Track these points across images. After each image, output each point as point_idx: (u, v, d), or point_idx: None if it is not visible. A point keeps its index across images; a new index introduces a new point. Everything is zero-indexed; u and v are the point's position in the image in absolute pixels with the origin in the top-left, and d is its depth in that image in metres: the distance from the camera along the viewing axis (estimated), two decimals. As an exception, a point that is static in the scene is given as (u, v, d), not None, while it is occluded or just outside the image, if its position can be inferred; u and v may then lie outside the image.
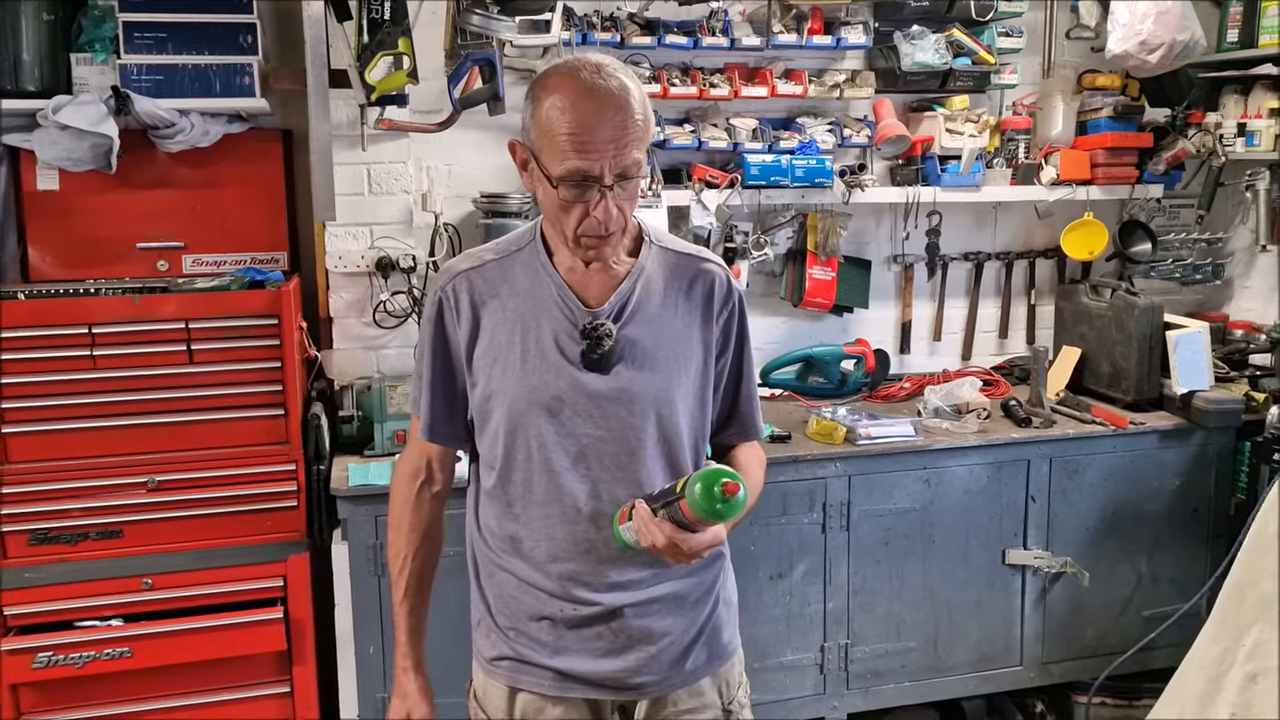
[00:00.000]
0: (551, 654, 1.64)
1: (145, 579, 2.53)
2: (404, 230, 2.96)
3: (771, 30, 3.09)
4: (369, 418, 2.80)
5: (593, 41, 2.97)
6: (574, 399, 1.58)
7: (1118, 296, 3.20)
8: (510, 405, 1.59)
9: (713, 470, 1.39)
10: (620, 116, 1.45)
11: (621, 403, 1.58)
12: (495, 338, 1.60)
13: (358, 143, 2.86)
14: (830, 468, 2.84)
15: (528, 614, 1.65)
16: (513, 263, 1.63)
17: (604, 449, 1.59)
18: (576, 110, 1.44)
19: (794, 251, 3.34)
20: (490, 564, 1.69)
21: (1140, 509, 3.08)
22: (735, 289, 1.70)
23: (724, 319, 1.67)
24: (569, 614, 1.63)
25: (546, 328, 1.58)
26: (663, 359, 1.61)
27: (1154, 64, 3.09)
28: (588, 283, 1.60)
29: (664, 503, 1.44)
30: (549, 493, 1.60)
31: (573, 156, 1.44)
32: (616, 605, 1.62)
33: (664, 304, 1.62)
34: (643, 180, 1.56)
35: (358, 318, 2.96)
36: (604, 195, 1.47)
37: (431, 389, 1.67)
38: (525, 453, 1.60)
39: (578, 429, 1.58)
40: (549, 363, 1.58)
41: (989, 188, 3.32)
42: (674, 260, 1.66)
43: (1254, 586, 1.52)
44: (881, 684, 3.00)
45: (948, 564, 2.98)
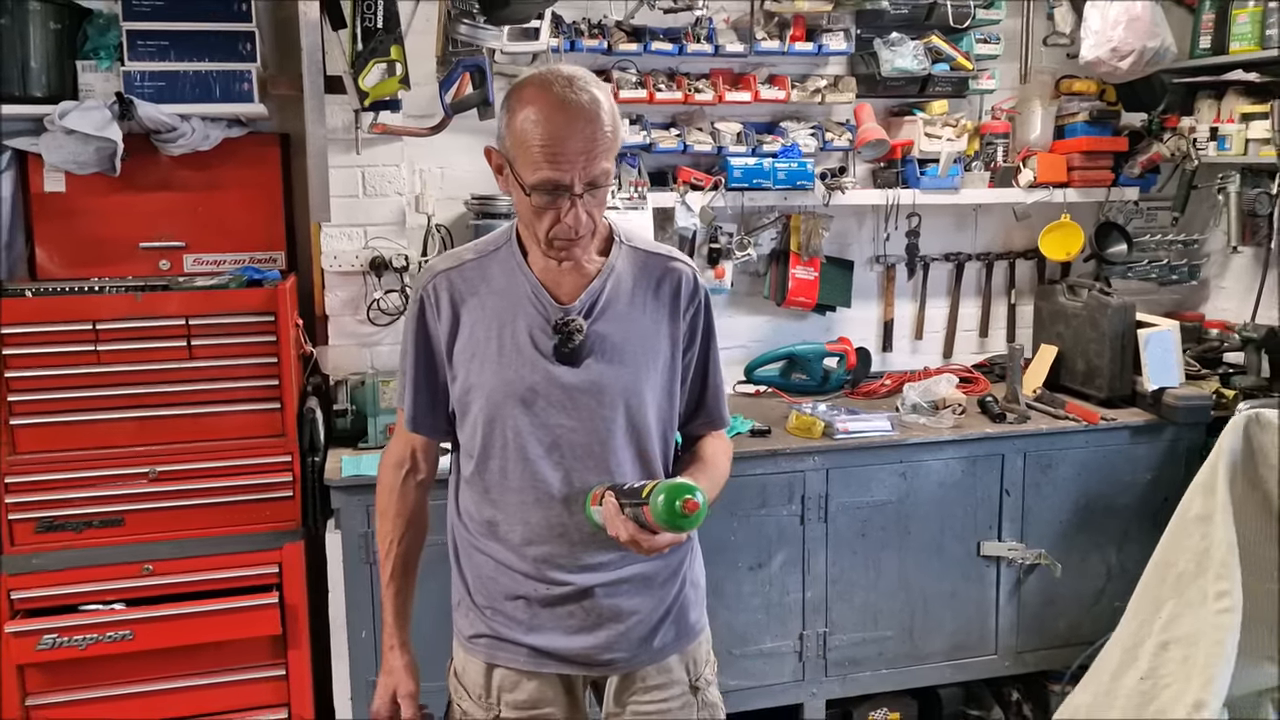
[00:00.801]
0: (526, 631, 1.73)
1: (146, 565, 2.63)
2: (397, 231, 3.06)
3: (755, 37, 3.18)
4: (363, 412, 2.90)
5: (581, 48, 3.07)
6: (547, 391, 1.67)
7: (1092, 296, 3.29)
8: (488, 397, 1.68)
9: (677, 485, 1.49)
10: (590, 129, 1.53)
11: (592, 394, 1.67)
12: (474, 333, 1.69)
13: (352, 146, 2.96)
14: (809, 461, 2.93)
15: (504, 593, 1.74)
16: (490, 262, 1.72)
17: (575, 439, 1.68)
18: (549, 123, 1.52)
19: (777, 252, 3.43)
20: (469, 547, 1.78)
21: (1112, 502, 3.17)
22: (701, 287, 1.79)
23: (690, 315, 1.76)
24: (543, 593, 1.72)
25: (521, 323, 1.68)
26: (631, 353, 1.70)
27: (1125, 70, 3.17)
28: (560, 281, 1.69)
29: (631, 503, 1.53)
30: (524, 479, 1.69)
31: (545, 167, 1.53)
32: (587, 585, 1.71)
33: (633, 301, 1.71)
34: (611, 186, 1.64)
35: (352, 315, 3.06)
36: (574, 203, 1.56)
37: (415, 383, 1.76)
38: (502, 441, 1.69)
39: (551, 419, 1.68)
40: (524, 357, 1.67)
41: (967, 190, 3.41)
42: (643, 259, 1.75)
43: (1172, 566, 1.61)
44: (859, 671, 3.09)
45: (923, 555, 3.07)
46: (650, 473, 1.73)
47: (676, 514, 1.46)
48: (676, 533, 1.52)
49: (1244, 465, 2.16)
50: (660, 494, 1.48)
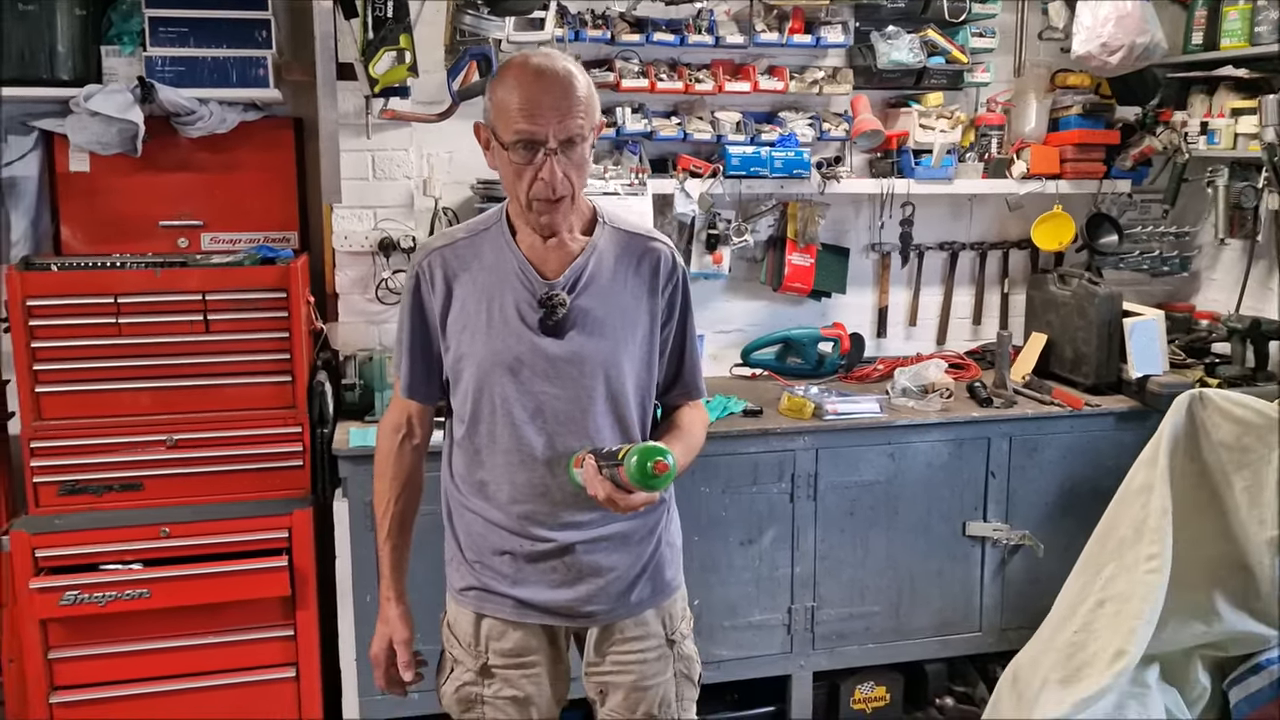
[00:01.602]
0: (512, 584, 1.86)
1: (163, 528, 2.76)
2: (405, 213, 3.17)
3: (755, 29, 3.28)
4: (370, 386, 3.02)
5: (584, 38, 3.16)
6: (532, 360, 1.79)
7: (1080, 285, 3.37)
8: (478, 365, 1.80)
9: (649, 448, 1.60)
10: (563, 88, 1.65)
11: (574, 364, 1.79)
12: (465, 306, 1.81)
13: (363, 131, 3.08)
14: (799, 441, 3.04)
15: (492, 549, 1.86)
16: (481, 240, 1.84)
17: (558, 405, 1.80)
18: (525, 86, 1.65)
19: (774, 238, 3.53)
20: (460, 506, 1.91)
21: (1096, 486, 3.24)
22: (680, 265, 1.90)
23: (669, 292, 1.87)
24: (527, 549, 1.84)
25: (509, 297, 1.79)
26: (611, 326, 1.81)
27: (1115, 65, 3.25)
28: (546, 257, 1.81)
29: (609, 464, 1.65)
30: (510, 442, 1.81)
31: (520, 121, 1.64)
32: (569, 542, 1.83)
33: (614, 277, 1.82)
34: (588, 154, 1.72)
35: (361, 294, 3.18)
36: (549, 158, 1.67)
37: (410, 353, 1.88)
38: (490, 407, 1.81)
39: (535, 387, 1.79)
40: (510, 328, 1.79)
41: (961, 181, 3.49)
42: (625, 239, 1.86)
43: (1114, 531, 1.71)
44: (846, 645, 3.19)
45: (910, 534, 3.17)
46: (628, 438, 1.83)
47: (648, 474, 1.58)
48: (649, 492, 1.63)
49: (1185, 441, 2.27)
50: (634, 456, 1.59)
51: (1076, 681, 1.56)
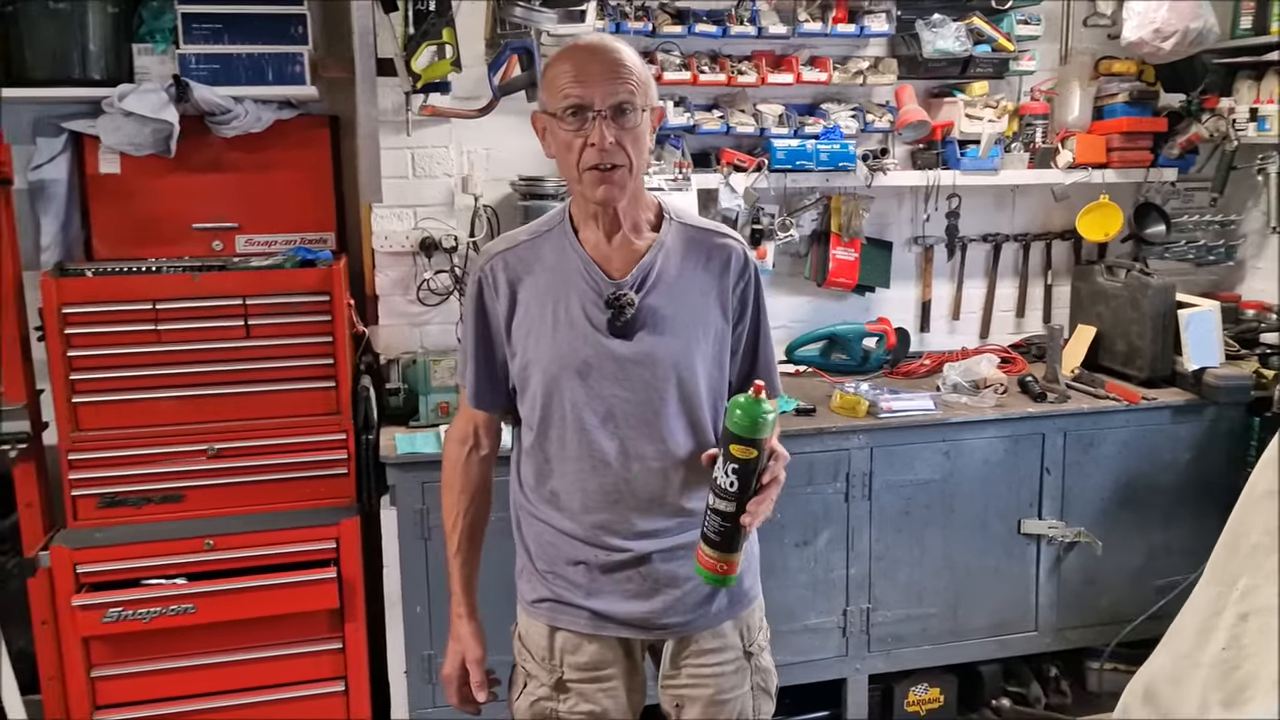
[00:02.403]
0: (586, 595, 1.79)
1: (207, 540, 2.68)
2: (446, 212, 3.09)
3: (797, 19, 3.21)
4: (414, 390, 2.94)
5: (626, 30, 3.09)
6: (601, 363, 1.72)
7: (1132, 276, 3.31)
8: (545, 370, 1.74)
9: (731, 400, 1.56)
10: (612, 58, 1.64)
11: (645, 365, 1.72)
12: (529, 310, 1.75)
13: (402, 128, 2.99)
14: (853, 440, 2.97)
15: (564, 559, 1.79)
16: (543, 242, 1.78)
17: (629, 409, 1.73)
18: (574, 59, 1.65)
19: (818, 233, 3.46)
20: (530, 516, 1.84)
21: (1153, 482, 3.20)
22: (751, 262, 1.83)
23: (740, 289, 1.81)
24: (602, 559, 1.77)
25: (575, 299, 1.73)
26: (681, 325, 1.74)
27: (1168, 51, 3.18)
28: (611, 256, 1.74)
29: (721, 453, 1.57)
30: (581, 448, 1.74)
31: (569, 87, 1.62)
32: (645, 552, 1.76)
33: (683, 275, 1.76)
34: (643, 128, 1.67)
35: (402, 295, 3.10)
36: (599, 122, 1.62)
37: (475, 360, 1.82)
38: (560, 413, 1.74)
39: (605, 390, 1.73)
40: (577, 331, 1.72)
41: (1007, 171, 3.42)
42: (693, 235, 1.80)
43: (1245, 538, 1.65)
44: (902, 647, 3.13)
45: (966, 533, 3.11)
46: (701, 440, 1.76)
47: (750, 400, 1.53)
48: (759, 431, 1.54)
49: None
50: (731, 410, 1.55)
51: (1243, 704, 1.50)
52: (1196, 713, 1.57)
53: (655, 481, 1.74)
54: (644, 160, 1.72)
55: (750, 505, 1.58)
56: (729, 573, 1.62)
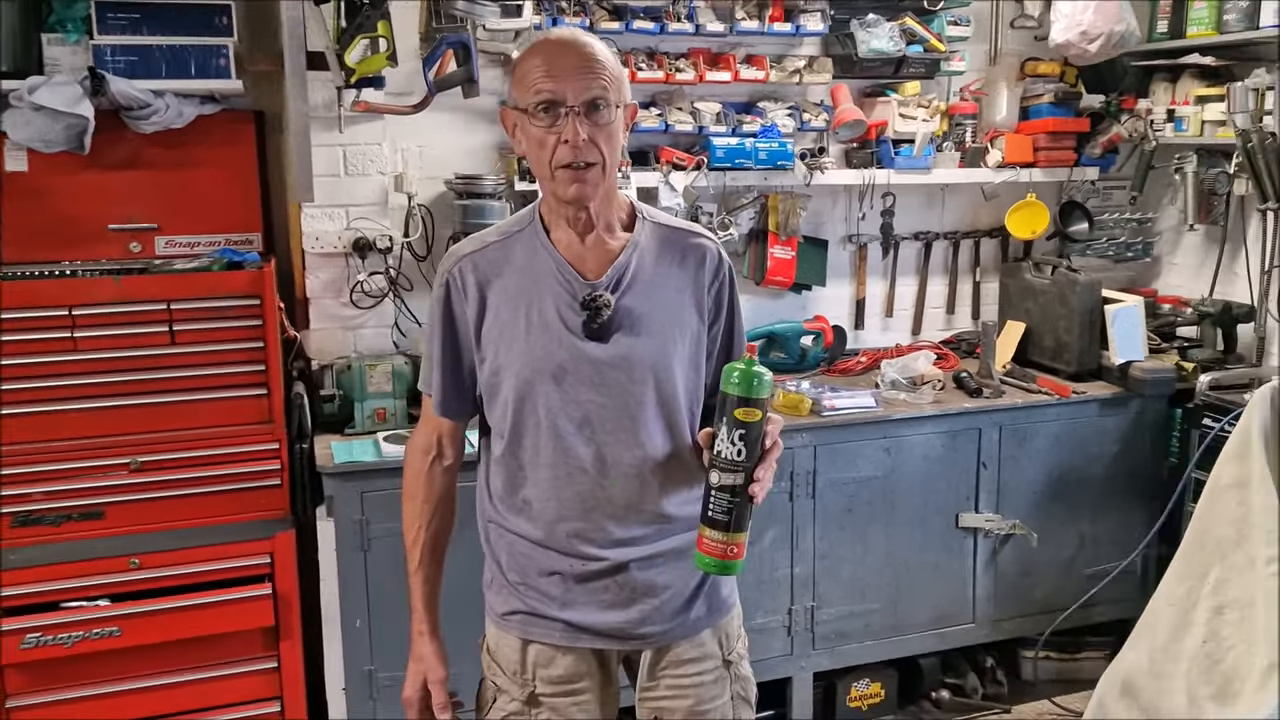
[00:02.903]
0: (561, 607, 1.73)
1: (132, 559, 2.54)
2: (379, 211, 2.99)
3: (735, 17, 3.19)
4: (349, 397, 2.84)
5: (563, 24, 3.02)
6: (576, 367, 1.67)
7: (1060, 273, 3.38)
8: (517, 375, 1.68)
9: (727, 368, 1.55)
10: (585, 52, 1.60)
11: (621, 369, 1.68)
12: (500, 314, 1.69)
13: (334, 124, 2.88)
14: (797, 439, 2.97)
15: (537, 570, 1.74)
16: (514, 243, 1.73)
17: (606, 414, 1.69)
18: (546, 53, 1.61)
19: (756, 231, 3.45)
20: (500, 528, 1.78)
21: (1083, 473, 3.28)
22: (725, 261, 1.80)
23: (715, 289, 1.78)
24: (577, 569, 1.72)
25: (548, 301, 1.68)
26: (658, 326, 1.71)
27: (1094, 53, 3.26)
28: (585, 256, 1.70)
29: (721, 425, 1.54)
30: (556, 455, 1.69)
31: (541, 82, 1.58)
32: (621, 560, 1.72)
33: (658, 275, 1.72)
34: (616, 126, 1.63)
35: (335, 298, 2.99)
36: (572, 118, 1.58)
37: (442, 367, 1.76)
38: (534, 419, 1.69)
39: (581, 395, 1.68)
40: (551, 333, 1.67)
41: (939, 170, 3.47)
42: (667, 234, 1.76)
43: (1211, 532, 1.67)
44: (845, 644, 3.15)
45: (907, 528, 3.14)
46: (680, 444, 1.73)
47: (745, 361, 1.53)
48: (758, 392, 1.53)
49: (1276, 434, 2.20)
50: (732, 374, 1.53)
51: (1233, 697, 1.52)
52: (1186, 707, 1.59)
53: (632, 488, 1.70)
54: (618, 158, 1.68)
55: (757, 473, 1.55)
56: (737, 556, 1.58)
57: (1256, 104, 3.18)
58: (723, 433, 1.55)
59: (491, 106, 3.11)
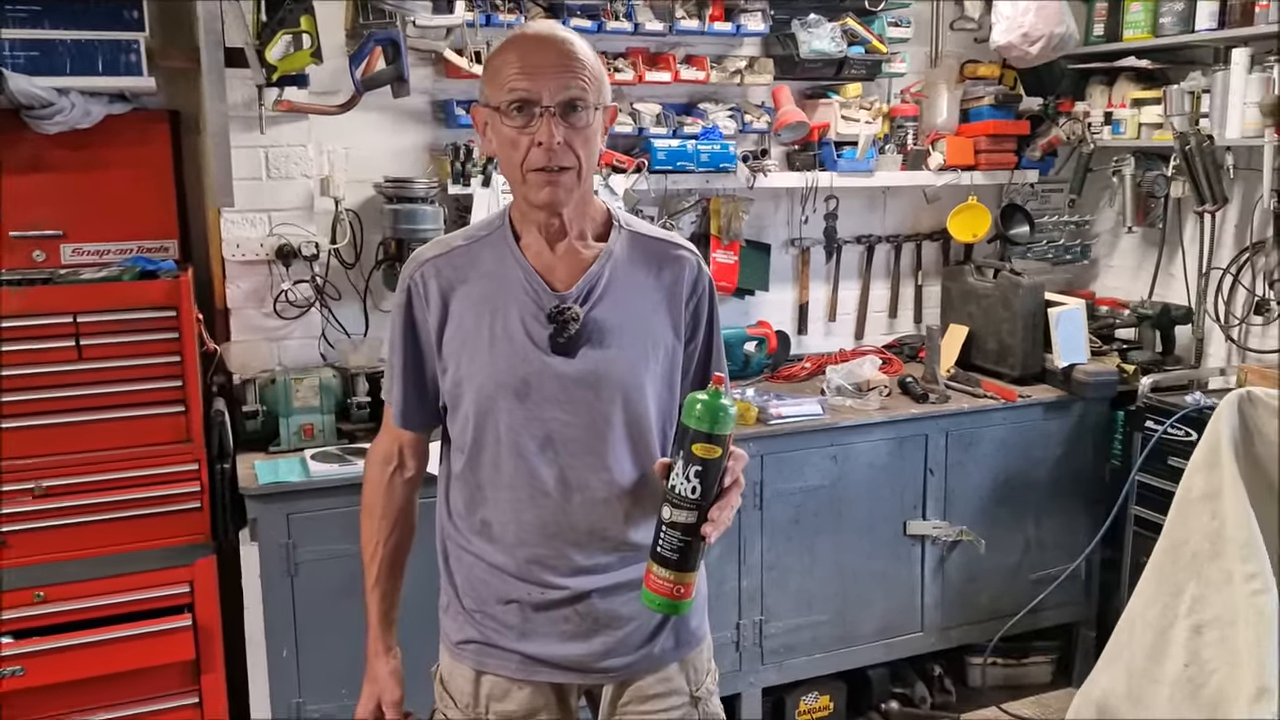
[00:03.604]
0: (518, 637, 1.64)
1: (37, 591, 2.36)
2: (304, 216, 2.84)
3: (674, 15, 3.11)
4: (273, 413, 2.69)
5: (496, 23, 2.91)
6: (541, 383, 1.58)
7: (1003, 277, 3.36)
8: (479, 389, 1.59)
9: (689, 398, 1.43)
10: (564, 49, 1.51)
11: (589, 386, 1.59)
12: (463, 323, 1.60)
13: (254, 125, 2.72)
14: (744, 448, 2.87)
15: (495, 597, 1.64)
16: (481, 248, 1.63)
17: (571, 433, 1.59)
18: (521, 48, 1.51)
19: (697, 236, 3.37)
20: (458, 548, 1.68)
21: (1028, 477, 3.26)
22: (705, 275, 1.71)
23: (694, 304, 1.68)
24: (536, 597, 1.62)
25: (514, 311, 1.59)
26: (630, 342, 1.61)
27: (1035, 55, 3.25)
28: (555, 265, 1.60)
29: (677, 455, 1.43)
30: (517, 476, 1.60)
31: (515, 80, 1.49)
32: (583, 589, 1.62)
33: (632, 288, 1.63)
34: (594, 129, 1.53)
35: (257, 308, 2.83)
36: (547, 118, 1.49)
37: (403, 376, 1.66)
38: (494, 435, 1.60)
39: (545, 413, 1.58)
40: (516, 346, 1.58)
41: (882, 173, 3.43)
42: (644, 244, 1.67)
43: (1184, 546, 1.62)
44: (794, 657, 3.08)
45: (854, 537, 3.08)
46: (648, 469, 1.62)
47: (709, 392, 1.41)
48: (720, 426, 1.41)
49: (1244, 443, 2.16)
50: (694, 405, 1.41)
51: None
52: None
53: (597, 513, 1.60)
54: (594, 162, 1.57)
55: (713, 513, 1.45)
56: (685, 596, 1.47)
57: (1192, 107, 3.20)
58: (679, 466, 1.44)
59: (422, 107, 2.98)
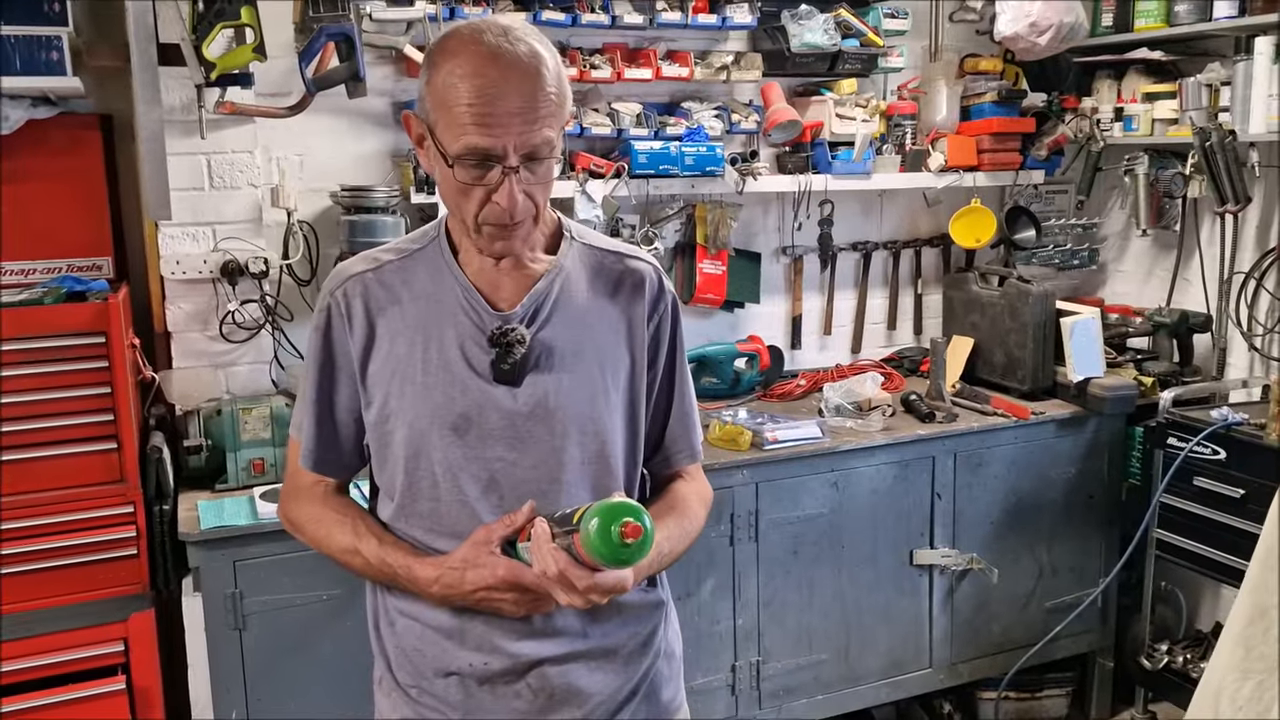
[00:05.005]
0: (461, 716, 1.41)
1: (-51, 654, 2.12)
2: (252, 230, 2.60)
3: (655, 7, 2.88)
4: (219, 446, 2.44)
5: (461, 15, 2.67)
6: (482, 417, 1.37)
7: (1010, 284, 3.14)
8: (410, 426, 1.38)
9: (614, 505, 1.17)
10: (529, 86, 1.26)
11: (538, 419, 1.38)
12: (394, 349, 1.39)
13: (194, 129, 2.47)
14: (737, 476, 2.66)
15: (433, 669, 1.42)
16: (414, 263, 1.42)
17: (518, 474, 1.38)
18: (478, 77, 1.25)
19: (682, 245, 3.15)
20: (390, 612, 1.45)
21: (1040, 499, 3.04)
22: (668, 290, 1.51)
23: (655, 324, 1.48)
24: (479, 669, 1.40)
25: (450, 335, 1.38)
26: (585, 369, 1.41)
27: (1043, 46, 3.04)
28: (498, 283, 1.40)
29: (563, 530, 1.22)
30: (458, 525, 1.37)
31: (472, 131, 1.25)
32: (536, 658, 1.40)
33: (586, 307, 1.43)
34: (556, 162, 1.33)
35: (201, 331, 2.58)
36: (507, 177, 1.27)
37: (317, 412, 1.44)
38: (430, 480, 1.38)
39: (488, 452, 1.37)
40: (453, 375, 1.37)
41: (879, 175, 3.20)
42: (598, 258, 1.47)
43: (1273, 611, 1.40)
44: (794, 699, 2.85)
45: (857, 569, 2.86)
46: None
47: (614, 544, 1.14)
48: (617, 566, 1.20)
49: None
50: (593, 518, 1.15)
51: None
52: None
53: None
54: (549, 195, 1.36)
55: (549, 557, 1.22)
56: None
57: (1211, 100, 2.99)
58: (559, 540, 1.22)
59: (381, 108, 2.74)
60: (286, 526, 1.52)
